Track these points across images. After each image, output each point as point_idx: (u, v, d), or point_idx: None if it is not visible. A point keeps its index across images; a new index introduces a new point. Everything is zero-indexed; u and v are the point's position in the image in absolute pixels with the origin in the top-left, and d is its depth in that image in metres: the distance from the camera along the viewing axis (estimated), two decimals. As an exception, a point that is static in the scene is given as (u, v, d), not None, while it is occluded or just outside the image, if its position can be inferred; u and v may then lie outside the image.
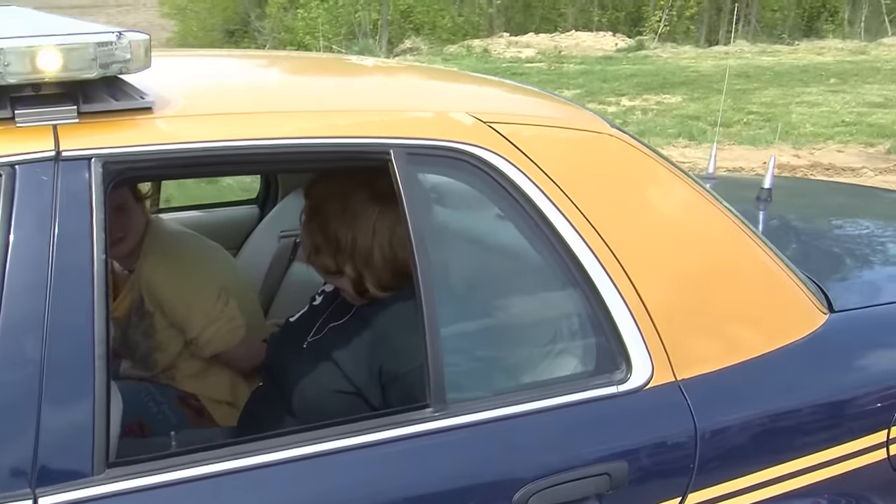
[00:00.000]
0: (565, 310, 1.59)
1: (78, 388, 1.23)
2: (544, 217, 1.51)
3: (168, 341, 2.22)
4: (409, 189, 1.42)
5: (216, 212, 3.15)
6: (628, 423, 1.56)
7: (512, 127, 1.54)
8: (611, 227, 1.55)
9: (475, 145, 1.49)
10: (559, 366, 1.59)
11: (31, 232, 1.24)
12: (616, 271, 1.53)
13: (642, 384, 1.54)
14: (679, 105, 11.03)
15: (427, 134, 1.49)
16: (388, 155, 1.43)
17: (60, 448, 1.22)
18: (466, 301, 1.62)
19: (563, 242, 1.51)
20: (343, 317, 1.74)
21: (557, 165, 1.54)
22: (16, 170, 1.24)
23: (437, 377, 1.42)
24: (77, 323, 1.24)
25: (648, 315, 1.55)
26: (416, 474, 1.41)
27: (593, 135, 1.66)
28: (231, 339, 2.16)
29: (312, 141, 1.42)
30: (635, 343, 1.54)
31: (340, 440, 1.36)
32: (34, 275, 1.23)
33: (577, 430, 1.52)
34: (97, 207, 1.26)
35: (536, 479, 1.45)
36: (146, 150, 1.31)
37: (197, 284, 2.17)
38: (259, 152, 1.39)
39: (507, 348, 1.64)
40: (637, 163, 1.66)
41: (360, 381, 1.64)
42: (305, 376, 1.70)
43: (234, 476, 1.30)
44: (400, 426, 1.41)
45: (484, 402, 1.47)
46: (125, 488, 1.24)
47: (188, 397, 2.24)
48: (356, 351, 1.67)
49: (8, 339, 1.21)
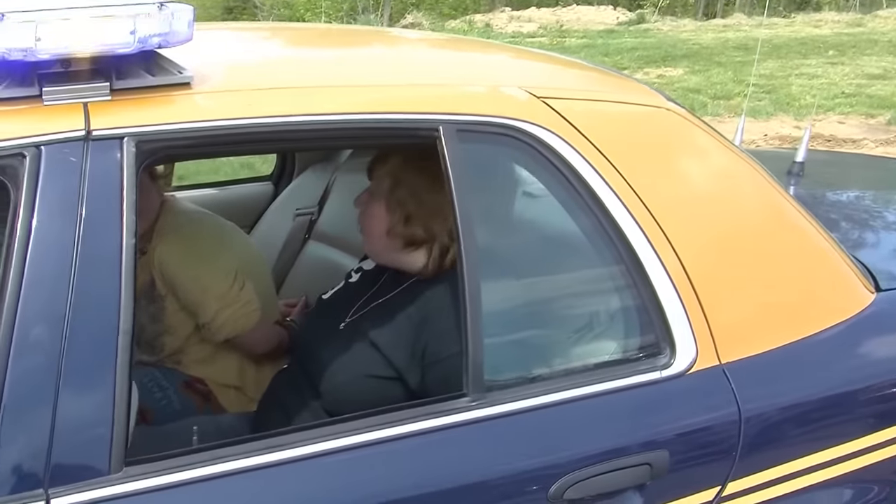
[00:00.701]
0: (613, 293, 1.51)
1: (98, 381, 1.15)
2: (596, 198, 1.42)
3: (178, 325, 2.13)
4: (457, 168, 1.33)
5: (230, 189, 3.06)
6: (670, 411, 1.48)
7: (566, 102, 1.45)
8: (664, 206, 1.45)
9: (528, 122, 1.39)
10: (602, 348, 1.51)
11: (56, 216, 1.15)
12: (669, 256, 1.44)
13: (686, 368, 1.46)
14: (681, 78, 10.89)
15: (478, 110, 1.39)
16: (437, 132, 1.33)
17: (76, 445, 1.14)
18: (509, 284, 1.53)
19: (614, 225, 1.42)
20: (390, 293, 1.66)
21: (613, 143, 1.44)
22: (41, 151, 1.14)
23: (475, 364, 1.34)
24: (101, 314, 1.15)
25: (695, 294, 1.46)
26: (451, 467, 1.34)
27: (651, 109, 1.55)
28: (246, 323, 2.07)
29: (358, 117, 1.32)
30: (680, 325, 1.46)
31: (372, 432, 1.29)
32: (57, 262, 1.14)
33: (618, 419, 1.45)
34: (128, 190, 1.17)
35: (574, 471, 1.38)
36: (183, 128, 1.21)
37: (212, 267, 2.08)
38: (303, 129, 1.29)
39: (549, 331, 1.56)
40: (696, 139, 1.56)
41: (401, 363, 1.57)
42: (339, 358, 1.62)
43: (263, 472, 1.22)
44: (436, 416, 1.33)
45: (523, 389, 1.40)
46: (144, 487, 1.16)
47: (195, 382, 2.14)
48: (400, 329, 1.59)
49: (27, 328, 1.12)
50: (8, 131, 1.14)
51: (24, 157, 1.14)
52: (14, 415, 1.11)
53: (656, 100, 1.59)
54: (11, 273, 1.12)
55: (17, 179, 1.14)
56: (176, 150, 1.25)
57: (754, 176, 1.59)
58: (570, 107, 1.44)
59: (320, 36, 2.27)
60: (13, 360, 1.11)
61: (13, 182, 1.14)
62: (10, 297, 1.11)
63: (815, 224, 1.62)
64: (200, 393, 2.13)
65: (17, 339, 1.11)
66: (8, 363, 1.11)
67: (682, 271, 1.44)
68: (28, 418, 1.12)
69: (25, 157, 1.14)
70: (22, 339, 1.12)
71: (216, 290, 2.03)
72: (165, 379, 2.12)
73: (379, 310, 1.65)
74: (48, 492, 1.11)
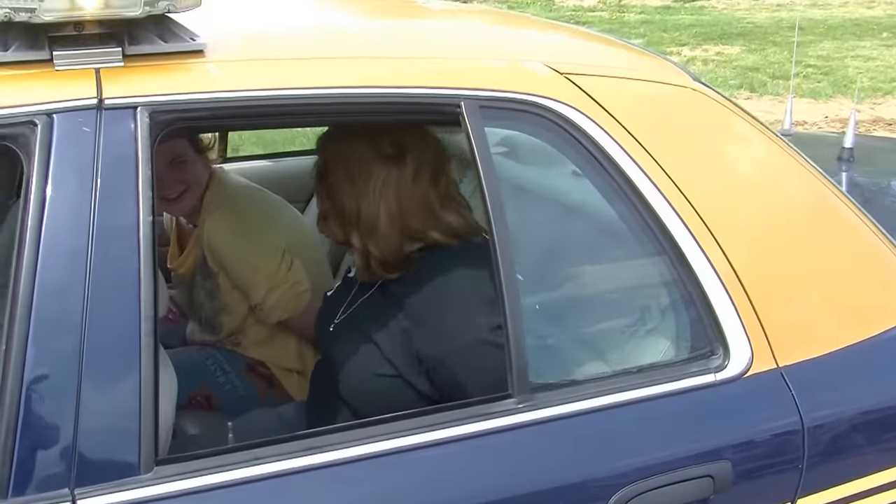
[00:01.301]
0: (653, 283, 1.67)
1: (122, 371, 1.29)
2: (626, 177, 1.60)
3: (234, 304, 2.37)
4: (481, 145, 1.51)
5: (285, 162, 3.44)
6: (728, 417, 1.64)
7: (590, 79, 1.65)
8: (698, 190, 1.64)
9: (551, 98, 1.59)
10: (650, 348, 1.67)
11: (70, 190, 1.30)
12: (705, 238, 1.62)
13: (741, 371, 1.63)
14: (738, 56, 12.06)
15: (500, 85, 1.58)
16: (459, 108, 1.51)
17: (102, 441, 1.28)
18: (546, 273, 1.70)
19: (647, 206, 1.60)
20: (369, 290, 1.83)
21: (639, 121, 1.64)
22: (53, 119, 1.31)
23: (519, 363, 1.48)
24: (121, 296, 1.29)
25: (743, 289, 1.63)
26: (499, 475, 1.48)
27: (676, 89, 1.77)
28: (296, 305, 2.33)
29: (378, 91, 1.51)
30: (731, 322, 1.62)
31: (413, 436, 1.43)
32: (72, 240, 1.28)
33: (674, 425, 1.60)
34: (143, 162, 1.33)
35: (633, 483, 1.52)
36: (197, 99, 1.39)
37: (260, 245, 2.31)
38: (320, 102, 1.47)
39: (592, 328, 1.72)
40: (723, 120, 1.77)
41: (400, 365, 1.72)
42: (343, 359, 1.79)
43: (299, 476, 1.36)
44: (480, 419, 1.47)
45: (571, 391, 1.55)
46: (177, 490, 1.29)
47: (257, 365, 2.40)
48: (390, 331, 1.74)
49: (42, 314, 1.26)
50: (18, 97, 1.31)
51: (36, 125, 1.30)
52: (35, 407, 1.24)
53: (683, 79, 1.79)
54: (26, 252, 1.26)
55: (28, 149, 1.29)
56: (190, 122, 1.42)
57: (796, 164, 1.79)
58: (596, 84, 1.64)
59: (340, 4, 2.48)
60: (31, 348, 1.24)
61: (25, 151, 1.29)
62: (25, 279, 1.25)
63: (865, 216, 1.82)
64: (263, 377, 2.38)
65: (34, 326, 1.25)
66: (26, 352, 1.24)
67: (727, 265, 1.61)
68: (50, 411, 1.25)
69: (37, 125, 1.30)
70: (40, 326, 1.25)
71: (265, 270, 2.28)
72: (228, 362, 2.38)
73: (364, 308, 1.82)
74: (74, 492, 1.23)
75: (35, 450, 1.25)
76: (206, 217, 2.36)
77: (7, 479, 1.23)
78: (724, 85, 10.24)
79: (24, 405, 1.24)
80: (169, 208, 2.46)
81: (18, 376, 1.24)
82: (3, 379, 1.24)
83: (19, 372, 1.24)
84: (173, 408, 1.59)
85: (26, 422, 1.24)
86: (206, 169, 2.42)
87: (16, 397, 1.24)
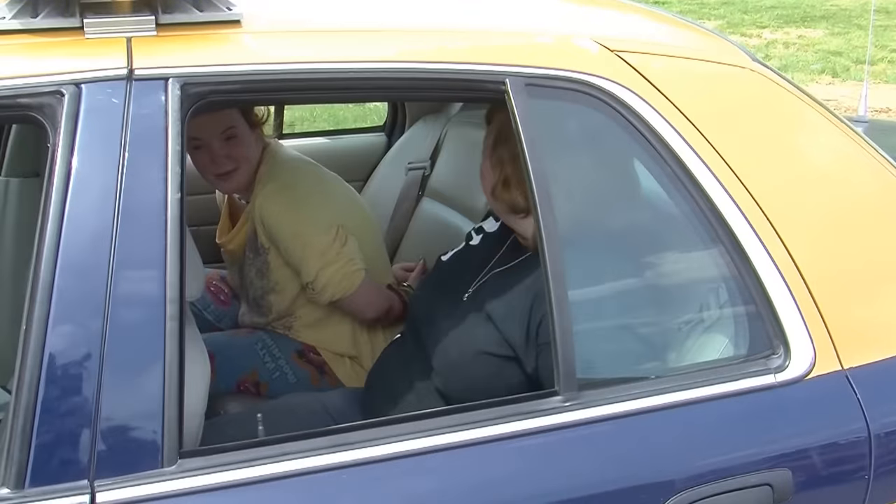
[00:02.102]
0: (709, 277, 1.63)
1: (145, 357, 1.26)
2: (680, 163, 1.56)
3: (284, 282, 2.37)
4: (528, 126, 1.48)
5: (342, 139, 3.51)
6: (789, 422, 1.58)
7: (643, 57, 1.61)
8: (757, 178, 1.60)
9: (601, 77, 1.55)
10: (705, 346, 1.63)
11: (96, 164, 1.28)
12: (765, 230, 1.58)
13: (804, 373, 1.58)
14: (821, 40, 12.03)
15: (547, 62, 1.55)
16: (504, 85, 1.49)
17: (124, 432, 1.25)
18: (595, 262, 1.66)
19: (703, 194, 1.56)
20: (509, 262, 1.81)
21: (693, 103, 1.60)
22: (81, 89, 1.29)
23: (566, 358, 1.45)
24: (146, 276, 1.27)
25: (805, 285, 1.59)
26: (538, 478, 1.44)
27: (734, 69, 1.72)
28: (349, 284, 2.31)
29: (418, 66, 1.49)
30: (792, 320, 1.58)
31: (450, 434, 1.39)
32: (97, 217, 1.26)
33: (731, 429, 1.56)
34: (173, 137, 1.30)
35: (685, 490, 1.47)
36: (232, 71, 1.36)
37: (312, 221, 2.31)
38: (360, 77, 1.44)
39: (644, 322, 1.68)
40: (783, 103, 1.73)
41: (515, 341, 1.71)
42: (455, 332, 1.77)
43: (330, 474, 1.32)
44: (522, 418, 1.43)
45: (620, 389, 1.51)
46: (201, 485, 1.26)
47: (307, 350, 2.39)
48: (515, 305, 1.73)
49: (63, 295, 1.24)
50: (46, 66, 1.30)
51: (63, 95, 1.28)
52: (53, 393, 1.21)
53: (741, 59, 1.75)
54: (49, 229, 1.24)
55: (55, 119, 1.27)
56: (224, 96, 1.39)
57: (864, 153, 1.74)
58: (648, 62, 1.61)
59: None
60: (51, 330, 1.22)
61: (51, 122, 1.28)
62: (46, 257, 1.23)
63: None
64: (315, 363, 2.37)
65: (55, 308, 1.22)
66: (46, 335, 1.22)
67: (788, 260, 1.57)
68: (69, 398, 1.22)
69: (64, 95, 1.28)
70: (61, 308, 1.23)
71: (317, 246, 2.27)
72: (277, 347, 2.37)
73: (498, 280, 1.80)
74: (93, 484, 1.21)
75: (53, 438, 1.22)
76: (259, 191, 2.35)
77: (24, 467, 1.21)
78: (806, 69, 10.27)
79: (42, 391, 1.22)
80: (218, 185, 2.47)
81: (37, 360, 1.22)
82: (22, 362, 1.22)
83: (38, 355, 1.22)
84: (204, 397, 1.56)
85: (45, 408, 1.22)
86: (259, 144, 2.41)
87: (34, 382, 1.21)
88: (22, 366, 1.21)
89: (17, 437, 1.20)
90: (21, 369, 1.21)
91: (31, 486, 1.20)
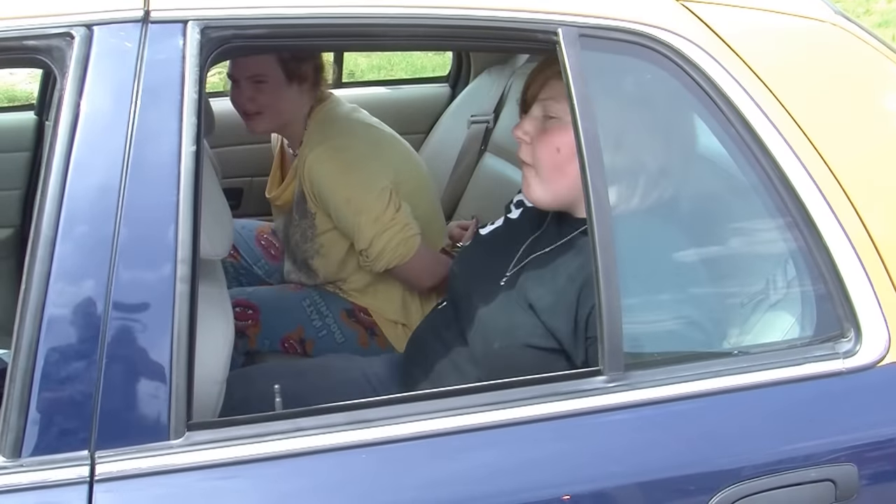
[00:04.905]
0: (774, 251, 1.58)
1: (152, 321, 1.23)
2: (748, 125, 1.51)
3: (329, 245, 2.38)
4: (579, 81, 1.43)
5: (405, 89, 3.53)
6: (856, 412, 1.53)
7: (711, 8, 1.55)
8: (833, 145, 1.54)
9: (663, 28, 1.50)
10: (767, 327, 1.58)
11: (105, 113, 1.25)
12: (840, 202, 1.52)
13: (876, 359, 1.51)
14: None
15: (604, 11, 1.49)
16: (556, 35, 1.44)
17: (128, 400, 1.22)
18: (649, 231, 1.62)
19: (772, 161, 1.51)
20: (553, 244, 1.77)
21: (767, 60, 1.55)
22: (93, 31, 1.26)
23: (612, 334, 1.41)
24: (156, 234, 1.24)
25: (883, 264, 1.53)
26: (580, 464, 1.40)
27: (813, 23, 1.66)
28: (406, 251, 2.29)
29: (461, 12, 1.43)
30: (866, 301, 1.52)
31: (485, 413, 1.35)
32: (104, 168, 1.24)
33: (790, 417, 1.50)
34: (190, 84, 1.27)
35: (738, 483, 1.42)
36: (257, 14, 1.32)
37: (365, 185, 2.30)
38: (396, 24, 1.40)
39: (700, 298, 1.63)
40: (867, 62, 1.66)
41: (562, 333, 1.67)
42: (495, 321, 1.74)
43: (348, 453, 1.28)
44: (562, 398, 1.39)
45: (670, 371, 1.46)
46: (209, 460, 1.23)
47: (358, 311, 2.40)
48: (561, 296, 1.68)
49: (65, 252, 1.21)
50: (55, 5, 1.27)
51: (72, 37, 1.25)
52: (53, 357, 1.19)
53: (821, 11, 1.68)
54: (52, 179, 1.21)
55: (63, 63, 1.25)
56: (248, 41, 1.36)
57: None
58: (716, 13, 1.55)
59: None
60: (52, 289, 1.19)
61: (59, 66, 1.26)
62: (50, 208, 1.20)
63: None
64: (364, 324, 2.37)
65: (56, 265, 1.20)
66: (46, 293, 1.19)
67: (865, 235, 1.51)
68: (70, 362, 1.20)
69: (73, 37, 1.25)
70: (63, 264, 1.20)
71: (371, 213, 2.25)
72: (326, 304, 2.38)
73: (539, 265, 1.75)
74: (94, 455, 1.19)
75: (52, 405, 1.21)
76: (308, 152, 2.34)
77: (21, 436, 1.19)
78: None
79: (41, 355, 1.20)
80: (246, 123, 2.46)
81: (36, 321, 1.20)
82: (21, 323, 1.21)
83: (37, 316, 1.20)
84: (225, 363, 1.53)
85: (44, 373, 1.20)
86: (302, 98, 2.38)
87: (33, 345, 1.20)
88: (20, 328, 1.20)
89: (13, 403, 1.19)
90: (19, 331, 1.20)
91: (28, 456, 1.19)
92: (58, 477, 1.18)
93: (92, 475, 1.18)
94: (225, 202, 1.66)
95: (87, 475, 1.18)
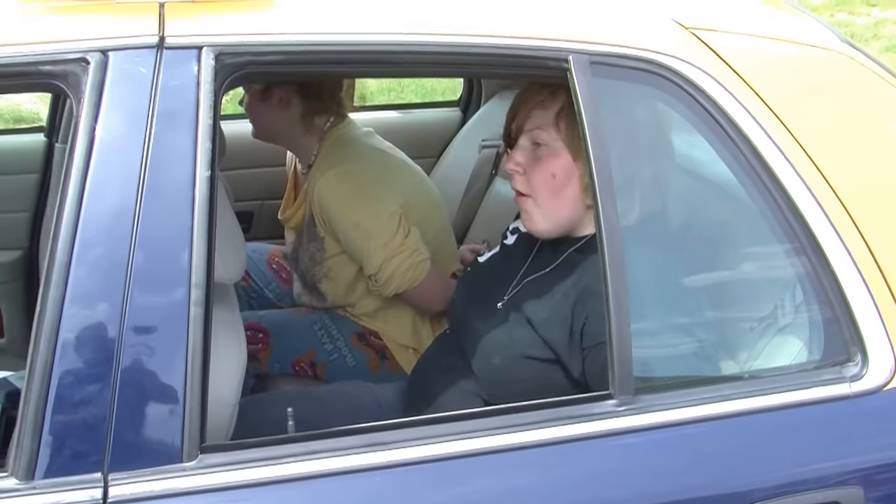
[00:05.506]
0: (782, 275, 1.59)
1: (167, 344, 1.24)
2: (755, 151, 1.52)
3: (337, 270, 2.38)
4: (590, 108, 1.44)
5: (416, 113, 3.55)
6: (863, 435, 1.54)
7: (720, 36, 1.57)
8: (839, 171, 1.55)
9: (674, 57, 1.51)
10: (775, 351, 1.58)
11: (120, 138, 1.26)
12: (846, 227, 1.52)
13: (882, 383, 1.51)
14: None
15: (615, 39, 1.51)
16: (567, 63, 1.45)
17: (141, 423, 1.23)
18: (658, 256, 1.62)
19: (778, 185, 1.52)
20: (547, 266, 1.78)
21: (774, 87, 1.56)
22: (108, 57, 1.27)
23: (623, 358, 1.41)
24: (170, 259, 1.25)
25: (888, 288, 1.53)
26: (589, 488, 1.40)
27: (820, 51, 1.67)
28: (415, 276, 2.30)
29: (474, 41, 1.45)
30: (872, 325, 1.52)
31: (494, 437, 1.35)
32: (120, 193, 1.25)
33: (797, 441, 1.50)
34: (205, 110, 1.28)
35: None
36: (272, 41, 1.34)
37: (375, 211, 2.30)
38: (409, 51, 1.42)
39: (708, 323, 1.64)
40: (872, 89, 1.67)
41: (558, 345, 1.68)
42: (494, 339, 1.76)
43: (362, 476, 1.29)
44: (571, 422, 1.39)
45: (680, 395, 1.47)
46: (222, 483, 1.24)
47: (369, 334, 2.40)
48: (556, 310, 1.70)
49: (80, 276, 1.22)
50: (71, 31, 1.29)
51: (88, 63, 1.27)
52: (67, 380, 1.20)
53: (829, 40, 1.70)
54: (67, 204, 1.22)
55: (78, 88, 1.26)
56: (263, 68, 1.37)
57: None
58: (725, 41, 1.56)
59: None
60: (67, 313, 1.20)
61: (74, 91, 1.27)
62: (65, 233, 1.21)
63: None
64: (375, 347, 2.38)
65: (71, 289, 1.21)
66: (61, 318, 1.20)
67: (871, 260, 1.52)
68: (84, 385, 1.21)
69: (89, 63, 1.27)
70: (78, 289, 1.21)
71: (380, 238, 2.26)
72: (336, 328, 2.39)
73: (533, 287, 1.78)
74: (107, 477, 1.20)
75: (66, 427, 1.21)
76: (319, 175, 2.35)
77: (34, 458, 1.20)
78: (918, 51, 9.88)
79: (55, 378, 1.21)
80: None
81: (51, 344, 1.21)
82: (35, 346, 1.22)
83: (52, 340, 1.21)
84: (237, 386, 1.55)
85: (58, 396, 1.21)
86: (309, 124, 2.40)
87: (47, 368, 1.20)
88: (34, 351, 1.21)
89: (27, 425, 1.20)
90: (33, 354, 1.21)
91: (41, 478, 1.19)
92: (71, 499, 1.19)
93: (105, 497, 1.19)
94: (238, 226, 1.68)
95: (100, 497, 1.19)
